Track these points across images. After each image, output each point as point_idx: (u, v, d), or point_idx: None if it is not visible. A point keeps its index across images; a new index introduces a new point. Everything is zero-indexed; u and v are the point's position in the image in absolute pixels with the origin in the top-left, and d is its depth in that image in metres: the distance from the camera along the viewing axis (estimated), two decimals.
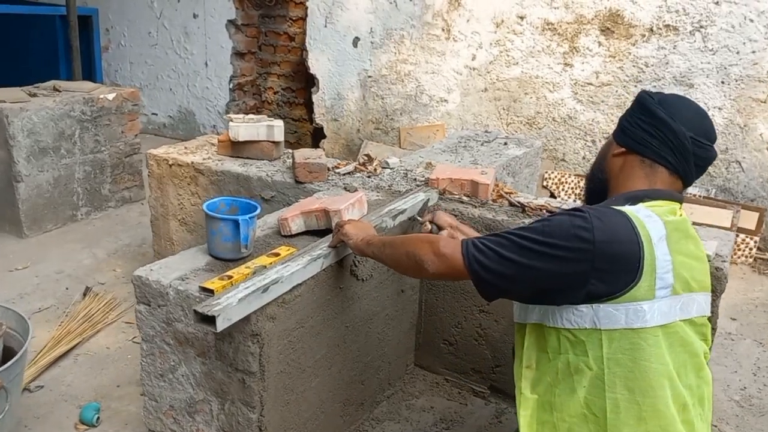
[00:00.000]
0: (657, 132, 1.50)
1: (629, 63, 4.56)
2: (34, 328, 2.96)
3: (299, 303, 1.86)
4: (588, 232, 1.34)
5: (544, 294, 1.42)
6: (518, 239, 1.40)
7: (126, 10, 6.51)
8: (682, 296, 1.40)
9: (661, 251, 1.37)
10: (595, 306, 1.35)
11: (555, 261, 1.36)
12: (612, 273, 1.34)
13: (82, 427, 2.37)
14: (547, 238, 1.37)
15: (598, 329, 1.36)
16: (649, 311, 1.34)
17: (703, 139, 1.50)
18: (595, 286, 1.35)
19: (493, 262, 1.41)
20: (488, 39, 4.96)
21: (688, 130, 1.48)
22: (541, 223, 1.42)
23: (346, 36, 5.45)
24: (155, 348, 1.92)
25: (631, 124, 1.55)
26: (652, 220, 1.40)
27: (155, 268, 1.89)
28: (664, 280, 1.36)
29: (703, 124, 1.53)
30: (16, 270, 3.52)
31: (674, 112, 1.50)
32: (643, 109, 1.54)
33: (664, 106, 1.51)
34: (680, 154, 1.49)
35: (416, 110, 5.34)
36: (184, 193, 3.08)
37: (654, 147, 1.50)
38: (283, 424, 1.91)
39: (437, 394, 2.60)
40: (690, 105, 1.56)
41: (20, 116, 3.70)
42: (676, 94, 1.60)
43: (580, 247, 1.34)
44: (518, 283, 1.42)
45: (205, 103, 6.30)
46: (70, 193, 4.11)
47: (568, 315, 1.39)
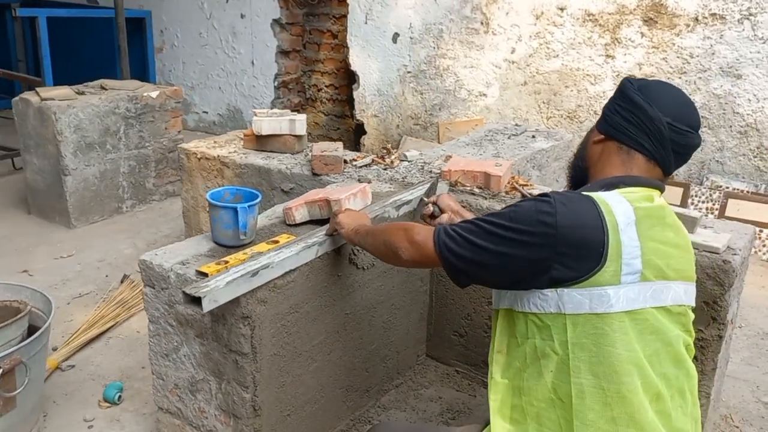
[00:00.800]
0: (633, 117, 1.47)
1: (673, 54, 4.42)
2: (74, 312, 3.17)
3: (292, 288, 1.92)
4: (551, 216, 1.34)
5: (513, 280, 1.42)
6: (487, 225, 1.41)
7: (178, 12, 6.75)
8: (655, 283, 1.37)
9: (627, 236, 1.35)
10: (560, 290, 1.35)
11: (520, 246, 1.36)
12: (575, 258, 1.33)
13: (105, 405, 2.50)
14: (513, 224, 1.37)
15: (562, 314, 1.35)
16: (614, 296, 1.32)
17: (682, 125, 1.47)
18: (558, 271, 1.34)
19: (462, 248, 1.43)
20: (528, 31, 4.91)
21: (666, 116, 1.45)
22: (509, 208, 1.42)
23: (386, 32, 5.50)
24: (160, 329, 2.01)
25: (611, 111, 1.53)
26: (621, 206, 1.38)
27: (160, 253, 1.98)
28: (630, 266, 1.34)
29: (683, 110, 1.49)
30: (62, 258, 3.73)
31: (653, 98, 1.47)
32: (623, 95, 1.51)
33: (643, 92, 1.48)
34: (657, 140, 1.46)
35: (455, 105, 5.33)
36: (212, 185, 3.20)
37: (630, 133, 1.48)
38: (279, 404, 1.98)
39: (447, 384, 2.62)
40: (670, 90, 1.52)
41: (67, 113, 3.92)
42: (660, 81, 1.56)
43: (544, 232, 1.34)
44: (488, 269, 1.42)
45: (251, 101, 6.47)
46: (116, 186, 4.32)
47: (534, 299, 1.39)
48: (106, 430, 2.37)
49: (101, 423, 2.40)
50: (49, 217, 4.22)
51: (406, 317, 2.53)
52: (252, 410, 1.88)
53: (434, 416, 2.43)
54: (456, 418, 2.42)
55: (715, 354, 2.08)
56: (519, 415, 1.44)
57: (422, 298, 2.61)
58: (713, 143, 4.38)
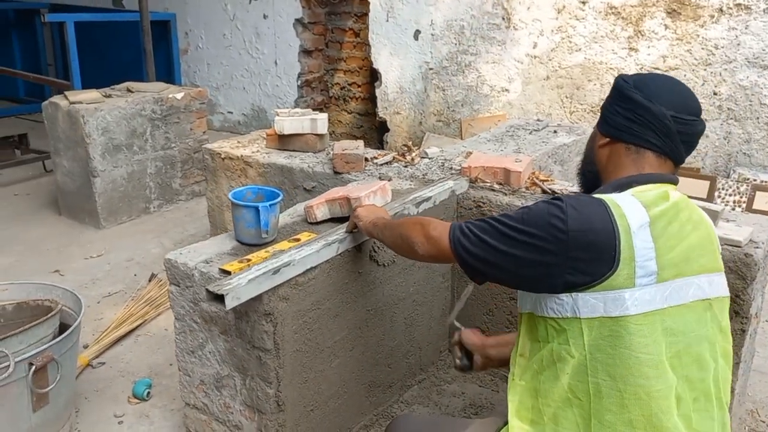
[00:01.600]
0: (637, 117, 1.47)
1: (698, 45, 4.36)
2: (104, 311, 3.24)
3: (314, 285, 1.95)
4: (562, 221, 1.34)
5: (527, 281, 1.43)
6: (500, 225, 1.43)
7: (202, 14, 6.84)
8: (673, 282, 1.36)
9: (640, 239, 1.34)
10: (574, 295, 1.35)
11: (532, 249, 1.37)
12: (587, 262, 1.34)
13: (134, 401, 2.56)
14: (525, 226, 1.38)
15: (578, 318, 1.35)
16: (629, 299, 1.32)
17: (685, 114, 1.46)
18: (572, 275, 1.35)
19: (476, 247, 1.45)
20: (550, 26, 4.88)
21: (668, 109, 1.45)
22: (522, 210, 1.43)
23: (407, 29, 5.51)
24: (186, 326, 2.06)
25: (611, 113, 1.53)
26: (634, 207, 1.38)
27: (185, 251, 2.03)
28: (645, 268, 1.33)
29: (682, 99, 1.49)
30: (91, 258, 3.82)
31: (651, 93, 1.47)
32: (620, 95, 1.51)
33: (640, 88, 1.49)
34: (664, 134, 1.46)
35: (477, 101, 5.33)
36: (236, 185, 3.24)
37: (636, 132, 1.48)
38: (302, 400, 2.01)
39: (469, 380, 2.63)
40: (666, 82, 1.52)
41: (95, 116, 4.01)
42: (653, 74, 1.57)
43: (555, 236, 1.34)
44: (501, 269, 1.44)
45: (275, 100, 6.53)
46: (143, 187, 4.40)
47: (551, 304, 1.40)
48: (135, 425, 2.43)
49: (131, 419, 2.47)
50: (79, 218, 4.32)
51: (428, 313, 2.54)
52: (276, 405, 1.92)
53: (457, 411, 2.44)
54: (479, 414, 2.44)
55: (739, 348, 2.06)
56: (536, 416, 1.44)
57: (444, 294, 2.62)
58: (740, 135, 4.32)
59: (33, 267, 3.68)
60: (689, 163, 4.50)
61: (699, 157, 4.48)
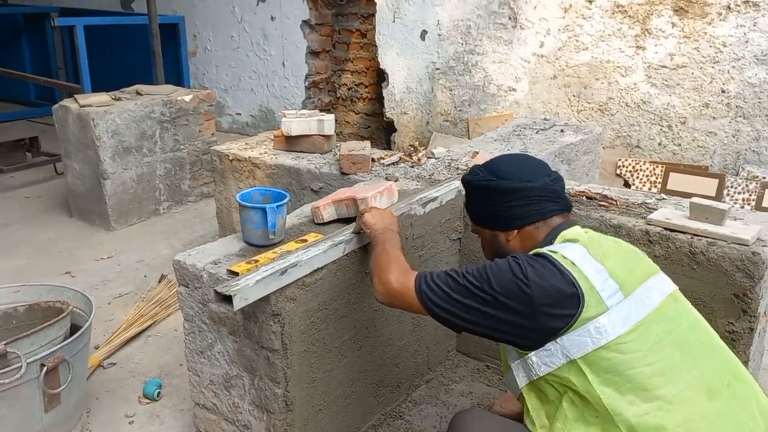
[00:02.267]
0: (527, 200, 1.58)
1: (705, 43, 4.35)
2: (114, 312, 3.27)
3: (321, 286, 1.96)
4: (525, 282, 1.40)
5: (507, 336, 1.46)
6: (464, 282, 1.47)
7: (210, 17, 6.87)
8: (636, 292, 1.41)
9: (589, 266, 1.41)
10: (559, 340, 1.38)
11: (502, 308, 1.43)
12: (556, 308, 1.38)
13: (145, 401, 2.58)
14: (493, 287, 1.43)
15: (573, 360, 1.38)
16: (609, 323, 1.35)
17: (552, 174, 1.62)
18: (547, 324, 1.39)
19: (445, 302, 1.49)
20: (556, 25, 4.88)
21: (542, 178, 1.59)
22: (486, 269, 1.47)
23: (414, 29, 5.52)
24: (195, 327, 2.08)
25: (502, 210, 1.61)
26: (569, 246, 1.47)
27: (193, 253, 2.05)
28: (607, 289, 1.38)
29: (538, 165, 1.66)
30: (102, 259, 3.86)
31: (519, 174, 1.59)
32: (498, 192, 1.60)
33: (506, 176, 1.60)
34: (556, 196, 1.60)
35: (484, 101, 5.33)
36: (244, 186, 3.27)
37: (536, 210, 1.58)
38: (311, 400, 2.03)
39: (478, 379, 2.64)
40: (513, 159, 1.69)
41: (105, 119, 4.04)
42: (494, 160, 1.70)
43: (521, 296, 1.40)
44: (476, 325, 1.48)
45: (283, 101, 6.55)
46: (153, 189, 4.43)
47: (541, 359, 1.42)
48: (146, 425, 2.46)
49: (142, 418, 2.49)
50: (90, 220, 4.35)
51: None
52: (284, 405, 1.94)
53: None
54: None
55: (747, 347, 2.06)
56: None
57: None
58: (749, 133, 4.30)
59: (44, 269, 3.72)
60: (697, 161, 4.48)
61: (707, 156, 4.46)
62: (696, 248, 2.08)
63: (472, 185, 1.68)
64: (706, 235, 2.08)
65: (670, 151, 4.61)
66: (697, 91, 4.42)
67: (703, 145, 4.47)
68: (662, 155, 4.65)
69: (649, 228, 2.17)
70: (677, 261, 2.11)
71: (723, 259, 2.02)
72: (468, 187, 1.71)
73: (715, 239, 2.06)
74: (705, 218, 2.11)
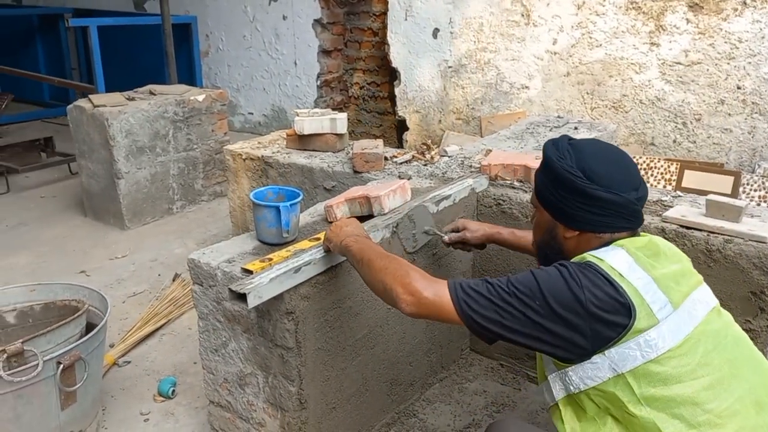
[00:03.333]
0: (605, 211, 1.44)
1: (721, 39, 4.30)
2: (129, 310, 3.29)
3: (334, 284, 1.96)
4: (581, 293, 1.32)
5: (553, 348, 1.38)
6: (511, 289, 1.37)
7: (222, 16, 6.90)
8: (685, 304, 1.37)
9: (637, 277, 1.35)
10: (607, 352, 1.33)
11: (550, 317, 1.34)
12: (610, 317, 1.32)
13: (160, 399, 2.60)
14: (540, 294, 1.35)
15: (621, 374, 1.32)
16: (659, 337, 1.31)
17: (639, 188, 1.46)
18: (598, 335, 1.32)
19: (488, 310, 1.38)
20: (569, 22, 4.84)
21: (629, 193, 1.44)
22: (535, 275, 1.38)
23: (426, 27, 5.50)
24: (209, 325, 2.09)
25: (573, 209, 1.47)
26: (614, 253, 1.39)
27: (207, 251, 2.05)
28: (657, 301, 1.33)
29: (631, 173, 1.47)
30: (116, 258, 3.88)
31: (608, 183, 1.43)
32: (578, 192, 1.45)
33: (594, 179, 1.43)
34: (633, 216, 1.47)
35: (497, 98, 5.31)
36: (257, 185, 3.27)
37: (608, 223, 1.46)
38: (324, 398, 2.03)
39: (491, 378, 2.63)
40: (608, 156, 1.49)
41: (119, 119, 4.07)
42: (583, 150, 1.49)
43: (577, 309, 1.32)
44: (518, 334, 1.38)
45: (295, 100, 6.56)
46: (166, 188, 4.45)
47: (586, 372, 1.36)
48: (161, 423, 2.47)
49: (157, 416, 2.50)
50: (104, 219, 4.38)
51: None
52: (298, 403, 1.94)
53: (479, 410, 2.44)
54: (501, 412, 2.44)
55: (765, 345, 2.04)
56: None
57: None
58: (765, 129, 4.26)
59: (60, 268, 3.75)
60: (713, 158, 4.44)
61: (723, 152, 4.42)
62: (712, 246, 2.06)
63: (551, 166, 1.49)
64: (722, 232, 2.06)
65: (684, 148, 4.57)
66: (713, 88, 4.38)
67: (719, 142, 4.43)
68: (677, 153, 4.61)
69: (664, 225, 2.16)
70: (693, 259, 2.08)
71: (740, 256, 2.00)
72: (547, 163, 1.52)
73: (731, 236, 2.04)
74: (721, 215, 2.09)
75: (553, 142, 1.54)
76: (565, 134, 1.61)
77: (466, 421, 2.38)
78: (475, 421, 2.38)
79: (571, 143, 1.52)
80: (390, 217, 2.19)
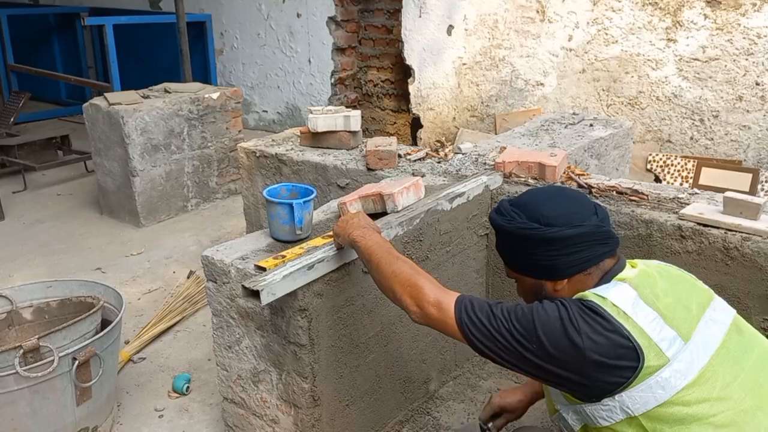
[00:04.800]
0: (579, 246, 1.41)
1: (739, 35, 4.25)
2: (144, 307, 3.31)
3: (347, 281, 1.96)
4: (577, 336, 1.28)
5: (556, 385, 1.36)
6: (509, 325, 1.35)
7: (237, 14, 6.92)
8: (696, 333, 1.31)
9: (642, 315, 1.30)
10: (617, 397, 1.29)
11: (547, 360, 1.31)
12: (612, 363, 1.27)
13: (174, 395, 2.61)
14: (535, 335, 1.32)
15: (633, 416, 1.29)
16: (671, 375, 1.26)
17: (598, 211, 1.46)
18: (602, 381, 1.29)
19: (488, 340, 1.37)
20: (585, 18, 4.81)
21: (590, 218, 1.43)
22: (533, 314, 1.35)
23: (441, 24, 5.49)
24: (223, 322, 2.09)
25: (550, 259, 1.43)
26: (617, 289, 1.35)
27: (221, 249, 2.06)
28: (665, 339, 1.28)
29: (580, 203, 1.47)
30: (132, 255, 3.91)
31: (566, 219, 1.41)
32: (545, 242, 1.42)
33: (552, 222, 1.41)
34: (606, 238, 1.44)
35: (511, 96, 5.28)
36: (271, 182, 3.27)
37: (588, 257, 1.42)
38: (338, 395, 2.03)
39: (505, 376, 2.61)
40: (553, 198, 1.48)
41: (134, 116, 4.09)
42: (527, 202, 1.48)
43: (570, 351, 1.29)
44: (519, 369, 1.37)
45: (309, 98, 6.57)
46: (181, 186, 4.48)
47: (599, 413, 1.33)
48: (176, 419, 2.48)
49: (171, 413, 2.51)
50: (120, 217, 4.42)
51: None
52: (311, 400, 1.94)
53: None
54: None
55: None
56: None
57: (479, 290, 2.61)
58: None
59: (76, 265, 3.78)
60: (730, 156, 4.39)
61: (741, 150, 4.37)
62: (730, 243, 2.03)
63: (506, 232, 1.48)
64: (740, 230, 2.03)
65: (702, 145, 4.52)
66: (731, 84, 4.33)
67: (737, 139, 4.38)
68: (694, 150, 4.56)
69: (681, 223, 2.13)
70: (710, 257, 2.07)
71: (758, 254, 1.98)
72: (501, 232, 1.50)
73: (749, 234, 2.01)
74: (739, 213, 2.07)
75: (496, 211, 1.53)
76: (502, 198, 1.59)
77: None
78: None
79: (511, 203, 1.51)
80: (404, 214, 2.18)
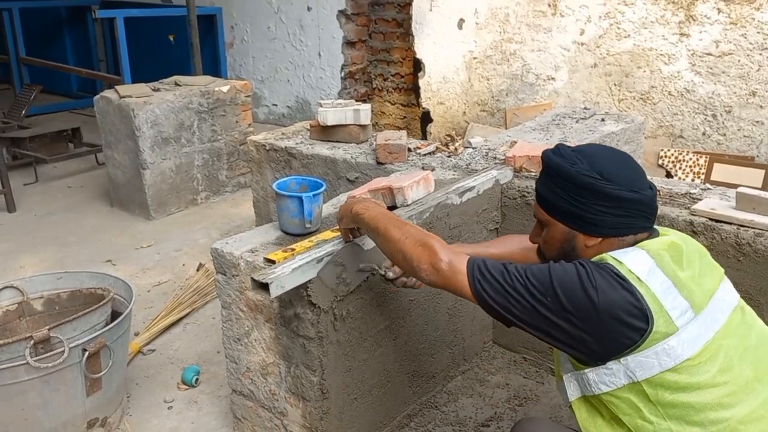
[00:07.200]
0: (629, 211, 1.39)
1: (753, 29, 4.20)
2: (153, 299, 3.32)
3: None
4: (593, 292, 1.27)
5: (563, 346, 1.35)
6: (525, 279, 1.34)
7: (247, 8, 6.91)
8: (708, 307, 1.32)
9: (656, 282, 1.29)
10: (623, 360, 1.29)
11: (561, 316, 1.30)
12: (625, 322, 1.27)
13: (183, 387, 2.62)
14: (552, 290, 1.31)
15: (636, 382, 1.29)
16: (678, 344, 1.26)
17: (653, 186, 1.44)
18: (612, 340, 1.28)
19: (500, 295, 1.36)
20: (597, 12, 4.77)
21: (646, 190, 1.40)
22: (549, 269, 1.34)
23: (451, 18, 5.46)
24: (232, 314, 2.10)
25: (596, 213, 1.39)
26: (634, 255, 1.33)
27: (230, 241, 2.06)
28: (677, 308, 1.28)
29: (641, 173, 1.44)
30: (142, 248, 3.92)
31: (628, 182, 1.38)
32: (601, 195, 1.38)
33: (614, 180, 1.38)
34: (652, 214, 1.42)
35: (522, 90, 5.25)
36: (280, 176, 3.28)
37: (632, 224, 1.40)
38: (346, 388, 2.03)
39: (514, 371, 2.61)
40: (615, 159, 1.44)
41: (144, 109, 4.10)
42: (590, 153, 1.43)
43: (586, 307, 1.28)
44: (530, 326, 1.36)
45: (319, 92, 6.57)
46: (191, 179, 4.49)
47: (601, 378, 1.33)
48: (184, 411, 2.49)
49: (180, 404, 2.53)
50: (130, 210, 4.43)
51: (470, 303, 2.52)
52: (320, 393, 1.94)
53: (501, 403, 2.43)
54: (523, 405, 2.42)
55: None
56: None
57: None
58: None
59: (86, 257, 3.80)
60: (743, 151, 4.35)
61: (754, 145, 4.33)
62: (742, 239, 2.01)
63: (562, 174, 1.41)
64: (753, 225, 2.01)
65: (714, 141, 4.49)
66: (744, 79, 4.28)
67: (750, 134, 4.34)
68: (706, 145, 4.53)
69: (693, 218, 2.11)
70: (723, 252, 2.05)
71: None
72: (555, 174, 1.43)
73: (762, 230, 1.99)
74: (752, 208, 2.05)
75: (554, 151, 1.48)
76: (559, 142, 1.55)
77: (488, 414, 2.37)
78: (497, 414, 2.37)
79: (574, 150, 1.46)
80: (413, 208, 2.18)
